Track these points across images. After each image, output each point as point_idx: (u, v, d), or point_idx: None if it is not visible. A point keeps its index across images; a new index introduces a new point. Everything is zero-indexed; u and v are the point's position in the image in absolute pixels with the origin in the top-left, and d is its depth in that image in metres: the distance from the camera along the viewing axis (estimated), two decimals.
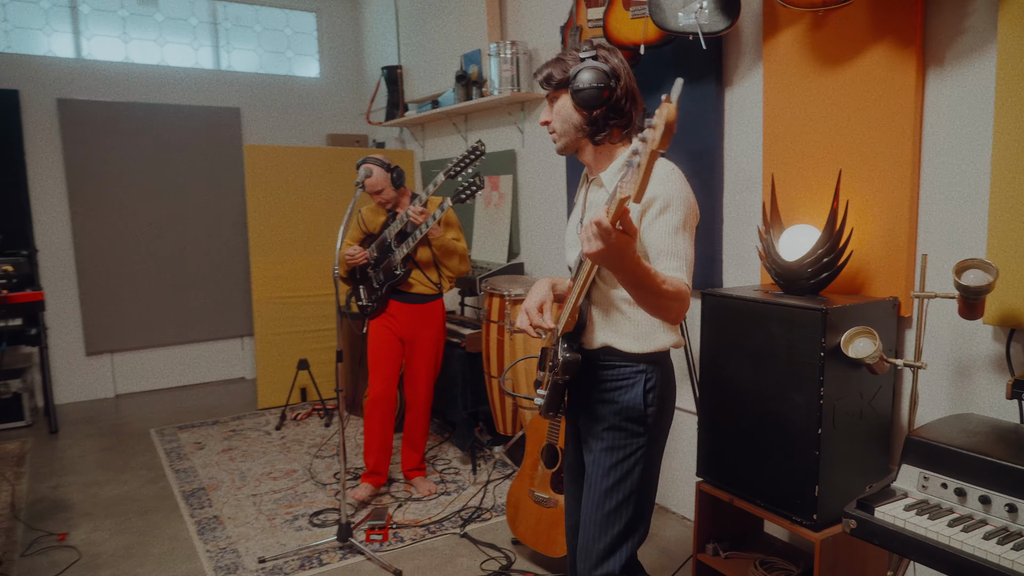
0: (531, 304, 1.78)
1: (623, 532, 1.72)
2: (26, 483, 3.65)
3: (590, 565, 1.73)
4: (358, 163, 3.17)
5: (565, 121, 1.72)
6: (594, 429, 1.75)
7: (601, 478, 1.72)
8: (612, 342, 1.71)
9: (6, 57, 4.76)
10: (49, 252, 4.91)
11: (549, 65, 1.72)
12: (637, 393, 1.70)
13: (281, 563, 2.79)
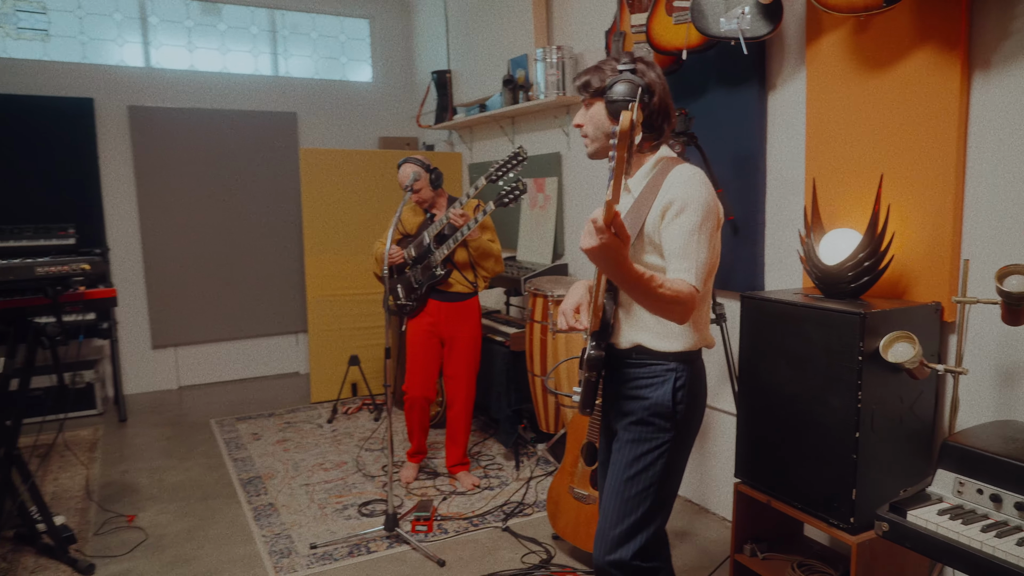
0: (568, 306, 1.86)
1: (638, 521, 1.76)
2: (98, 467, 3.89)
3: (604, 550, 1.78)
4: (399, 163, 3.30)
5: (598, 128, 1.79)
6: (623, 422, 1.80)
7: (623, 468, 1.78)
8: (642, 341, 1.76)
9: (82, 67, 5.06)
10: (119, 251, 5.20)
11: (588, 72, 1.80)
12: (667, 390, 1.74)
13: (331, 550, 2.92)
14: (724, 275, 2.89)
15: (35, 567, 2.82)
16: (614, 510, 1.78)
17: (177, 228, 5.35)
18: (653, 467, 1.76)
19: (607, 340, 1.78)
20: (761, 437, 2.38)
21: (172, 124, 5.28)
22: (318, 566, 2.80)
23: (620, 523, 1.76)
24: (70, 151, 4.97)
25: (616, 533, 1.76)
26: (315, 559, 2.85)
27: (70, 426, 4.55)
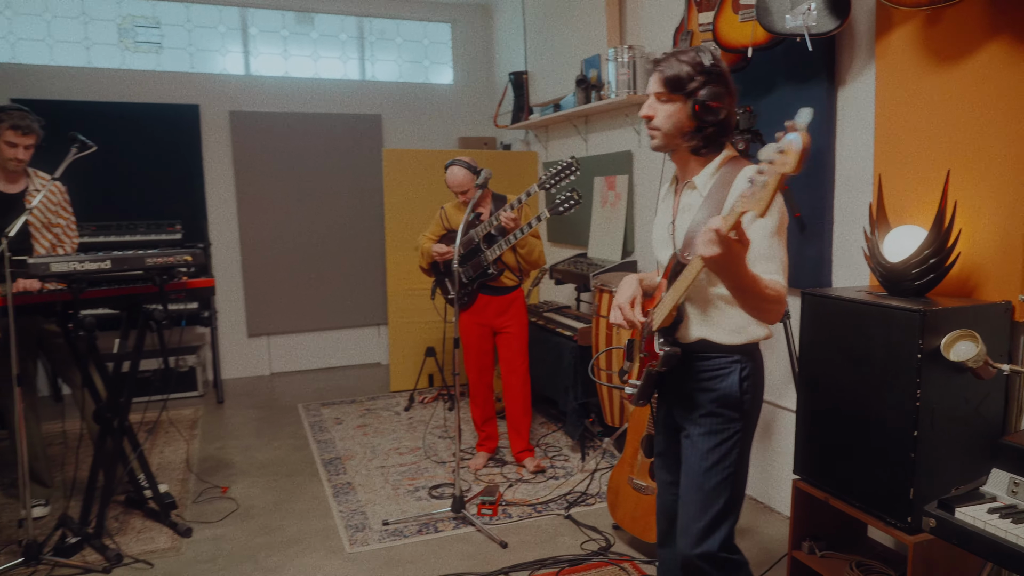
0: (623, 300, 1.89)
1: (722, 511, 1.79)
2: (198, 443, 4.25)
3: (690, 543, 1.80)
4: (446, 165, 3.45)
5: (674, 125, 1.76)
6: (692, 416, 1.82)
7: (700, 460, 1.80)
8: (708, 335, 1.79)
9: (190, 76, 5.50)
10: (220, 246, 5.61)
11: (674, 64, 1.74)
12: (733, 382, 1.78)
13: (402, 527, 3.10)
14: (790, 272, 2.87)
15: (142, 528, 3.13)
16: (696, 503, 1.80)
17: (271, 225, 5.72)
18: (729, 456, 1.79)
19: (674, 335, 1.81)
20: (820, 434, 2.38)
21: (268, 127, 5.65)
22: (389, 541, 2.99)
23: (703, 515, 1.79)
24: (178, 154, 5.42)
25: (701, 525, 1.78)
26: (387, 534, 3.04)
27: (174, 406, 4.96)
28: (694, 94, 1.73)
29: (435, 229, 3.70)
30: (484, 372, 3.70)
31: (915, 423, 2.02)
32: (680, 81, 1.73)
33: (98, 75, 5.23)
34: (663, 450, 2.02)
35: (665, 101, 1.76)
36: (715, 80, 1.73)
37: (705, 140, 1.76)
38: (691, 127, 1.76)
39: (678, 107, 1.75)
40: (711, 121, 1.73)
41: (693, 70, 1.73)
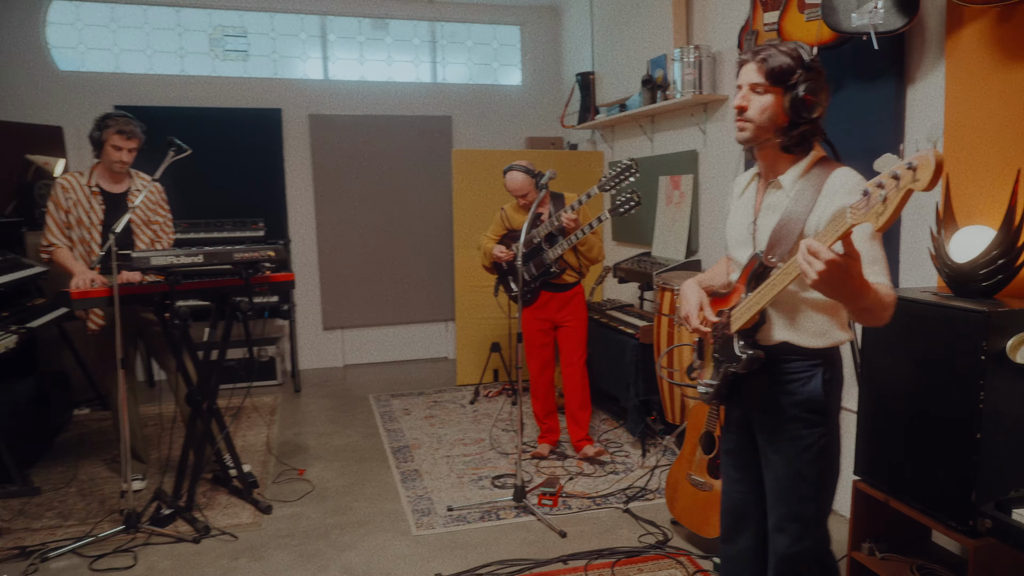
0: (691, 306, 1.91)
1: (817, 510, 1.81)
2: (277, 429, 4.51)
3: (789, 542, 1.82)
4: (505, 169, 3.55)
5: (769, 119, 1.72)
6: (774, 420, 1.81)
7: (787, 466, 1.80)
8: (791, 339, 1.77)
9: (274, 82, 5.81)
10: (299, 243, 5.91)
11: (776, 55, 1.70)
12: (816, 385, 1.76)
13: (465, 513, 3.24)
14: None
15: (227, 504, 3.38)
16: (791, 504, 1.81)
17: (346, 223, 5.98)
18: (817, 460, 1.78)
19: (754, 337, 1.79)
20: (881, 435, 2.36)
21: (344, 129, 5.91)
22: (453, 525, 3.13)
23: (801, 513, 1.80)
24: (261, 155, 5.74)
25: (799, 525, 1.81)
26: (451, 519, 3.18)
27: (255, 393, 5.27)
28: (794, 88, 1.68)
29: (496, 229, 3.82)
30: (545, 367, 3.80)
31: (978, 426, 2.00)
32: (783, 73, 1.68)
33: (191, 82, 5.60)
34: (733, 448, 2.01)
35: (762, 92, 1.71)
36: (815, 76, 1.70)
37: (798, 138, 1.73)
38: (784, 122, 1.72)
39: (775, 100, 1.70)
40: (806, 118, 1.70)
41: (794, 63, 1.69)
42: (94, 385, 4.87)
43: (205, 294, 3.29)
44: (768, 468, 1.87)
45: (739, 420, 1.98)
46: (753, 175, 1.92)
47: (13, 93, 5.17)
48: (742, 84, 1.75)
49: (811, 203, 1.69)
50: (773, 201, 1.80)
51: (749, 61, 1.74)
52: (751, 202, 1.90)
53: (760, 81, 1.71)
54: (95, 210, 3.32)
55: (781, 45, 1.73)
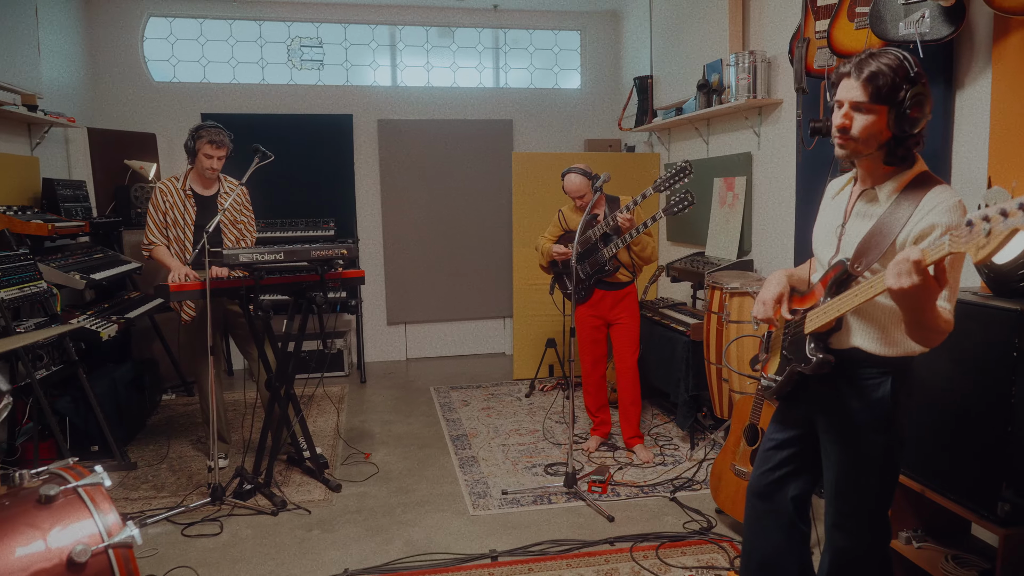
0: (768, 295, 1.93)
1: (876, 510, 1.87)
2: (344, 416, 4.82)
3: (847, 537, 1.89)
4: (563, 173, 3.71)
5: (872, 136, 1.69)
6: (843, 423, 1.84)
7: (852, 466, 1.85)
8: (864, 346, 1.78)
9: (346, 89, 6.15)
10: (366, 241, 6.23)
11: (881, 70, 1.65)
12: (885, 392, 1.77)
13: (519, 496, 3.44)
14: None
15: (301, 482, 3.67)
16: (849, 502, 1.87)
17: (411, 223, 6.28)
18: (882, 464, 1.82)
19: (827, 341, 1.81)
20: (919, 428, 2.43)
21: (410, 133, 6.20)
22: (507, 508, 3.33)
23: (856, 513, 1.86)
24: (333, 159, 6.08)
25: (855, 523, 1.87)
26: (505, 502, 3.39)
27: (325, 383, 5.60)
28: (900, 104, 1.64)
29: (553, 230, 4.00)
30: (597, 362, 3.96)
31: (1009, 419, 2.07)
32: (890, 91, 1.64)
33: (270, 91, 5.99)
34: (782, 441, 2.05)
35: (865, 111, 1.67)
36: (920, 88, 1.65)
37: (899, 151, 1.71)
38: (888, 137, 1.69)
39: (879, 118, 1.67)
40: (911, 132, 1.67)
41: (901, 78, 1.64)
42: (180, 372, 5.29)
43: (284, 288, 3.59)
44: (829, 468, 1.92)
45: (798, 419, 2.02)
46: (850, 178, 1.91)
47: (113, 103, 5.66)
48: (843, 101, 1.71)
49: (906, 218, 1.67)
50: (866, 209, 1.79)
51: (850, 77, 1.69)
52: (843, 205, 1.89)
53: (863, 100, 1.66)
54: (189, 211, 3.67)
55: (883, 56, 1.67)
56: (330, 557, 2.91)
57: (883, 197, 1.76)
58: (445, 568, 2.79)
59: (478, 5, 6.15)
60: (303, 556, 2.92)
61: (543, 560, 2.84)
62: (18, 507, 1.61)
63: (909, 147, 1.71)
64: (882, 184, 1.77)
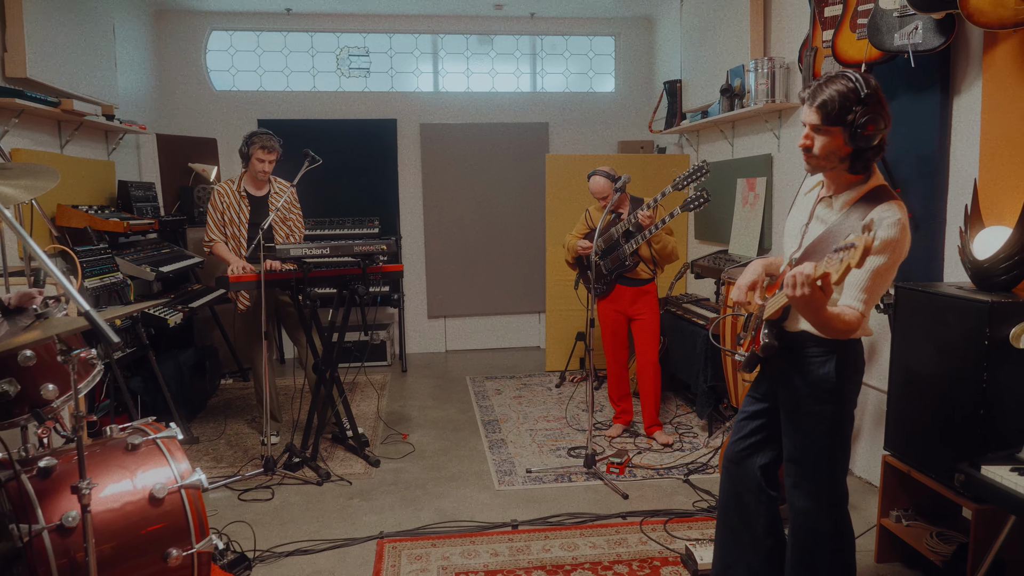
0: (743, 281, 2.19)
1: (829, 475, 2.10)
2: (385, 401, 5.16)
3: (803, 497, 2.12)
4: (589, 175, 3.96)
5: (831, 153, 1.89)
6: (794, 396, 2.09)
7: (803, 435, 2.09)
8: (809, 329, 2.03)
9: (390, 95, 6.51)
10: (408, 239, 6.59)
11: (830, 95, 1.83)
12: (829, 369, 2.01)
13: (541, 475, 3.71)
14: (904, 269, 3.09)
15: (344, 457, 4.02)
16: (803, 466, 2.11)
17: (451, 221, 6.60)
18: (829, 432, 2.05)
19: (780, 326, 2.07)
20: (906, 414, 2.62)
21: (451, 136, 6.53)
22: (530, 484, 3.61)
23: (810, 476, 2.10)
24: (378, 161, 6.45)
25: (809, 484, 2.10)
26: (528, 479, 3.66)
27: (368, 371, 5.96)
28: (852, 123, 1.83)
29: (580, 229, 4.25)
30: (619, 354, 4.20)
31: (980, 403, 2.25)
32: (839, 113, 1.82)
33: (320, 97, 6.39)
34: (752, 411, 2.31)
35: (822, 132, 1.87)
36: (871, 106, 1.82)
37: (859, 164, 1.92)
38: (847, 152, 1.89)
39: (835, 136, 1.86)
40: (864, 148, 1.88)
41: (849, 100, 1.81)
42: (237, 359, 5.72)
43: (330, 281, 3.94)
44: (786, 436, 2.18)
45: (765, 393, 2.29)
46: (819, 181, 2.11)
47: (178, 110, 6.14)
48: (805, 123, 1.91)
49: (853, 228, 1.87)
50: (824, 214, 2.01)
51: (805, 102, 1.89)
52: (809, 205, 2.12)
53: (818, 123, 1.86)
54: (243, 211, 4.05)
55: (834, 82, 1.85)
56: (368, 521, 3.23)
57: (837, 206, 1.99)
58: (470, 533, 3.08)
59: (516, 13, 6.43)
60: (344, 520, 3.25)
61: (559, 529, 3.10)
62: (109, 453, 1.97)
63: (869, 159, 1.92)
64: (839, 194, 1.99)
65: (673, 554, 2.88)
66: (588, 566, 2.78)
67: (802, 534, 2.19)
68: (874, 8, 2.87)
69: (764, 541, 2.36)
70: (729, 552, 2.44)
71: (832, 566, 2.16)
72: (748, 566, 2.38)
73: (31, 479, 1.80)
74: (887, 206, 1.89)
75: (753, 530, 2.36)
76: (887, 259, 1.86)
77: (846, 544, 2.17)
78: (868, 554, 2.83)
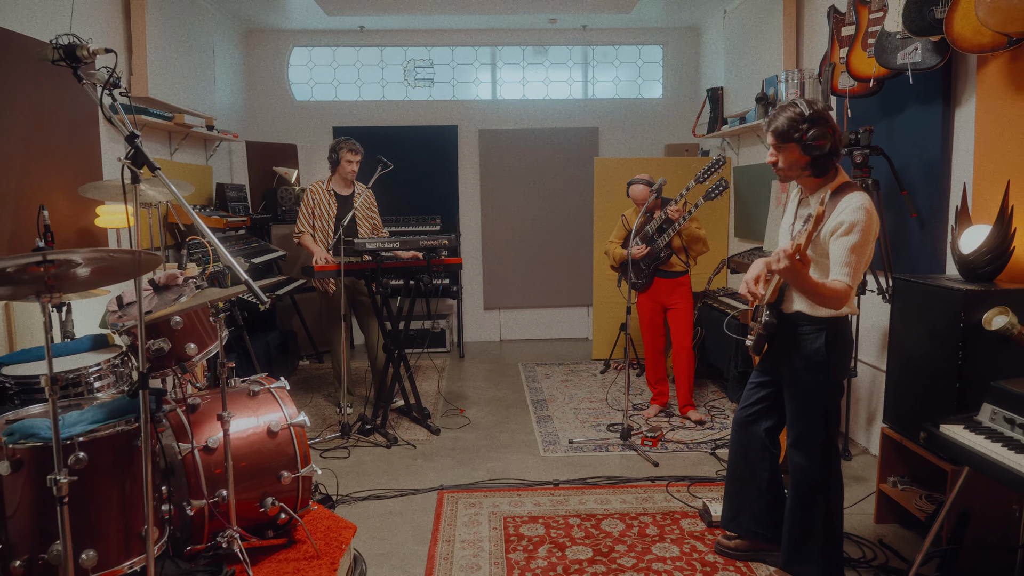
0: (749, 277, 2.64)
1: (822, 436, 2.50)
2: (445, 381, 5.71)
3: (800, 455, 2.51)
4: (628, 183, 4.38)
5: (792, 164, 2.38)
6: (791, 368, 2.52)
7: (799, 402, 2.51)
8: (802, 309, 2.46)
9: (452, 103, 7.07)
10: (467, 236, 7.13)
11: (780, 120, 2.34)
12: (820, 344, 2.43)
13: (582, 445, 4.17)
14: (912, 263, 3.43)
15: (408, 427, 4.57)
16: (800, 428, 2.51)
17: (506, 220, 7.11)
18: (817, 400, 2.46)
19: (778, 308, 2.55)
20: (901, 389, 2.98)
21: (507, 141, 7.04)
22: (571, 452, 4.07)
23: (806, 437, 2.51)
24: (440, 164, 7.02)
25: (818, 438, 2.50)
26: (570, 448, 4.13)
27: (430, 356, 6.53)
28: (801, 139, 2.32)
29: (619, 233, 4.68)
30: (656, 341, 4.61)
31: (957, 379, 2.60)
32: (787, 133, 2.33)
33: (388, 106, 7.00)
34: (758, 382, 2.76)
35: (782, 150, 2.37)
36: (816, 123, 2.30)
37: (821, 167, 2.38)
38: (805, 161, 2.36)
39: (791, 151, 2.36)
40: (818, 155, 2.34)
41: (797, 121, 2.31)
42: (313, 343, 6.37)
43: (399, 272, 4.48)
44: (787, 402, 2.61)
45: (769, 367, 2.71)
46: (799, 187, 2.59)
47: (263, 119, 6.84)
48: (768, 144, 2.42)
49: (827, 217, 2.32)
50: (803, 212, 2.48)
51: (766, 129, 2.42)
52: (793, 208, 2.60)
53: (775, 143, 2.38)
54: (331, 208, 4.64)
55: (784, 110, 2.36)
56: (429, 477, 3.76)
57: (812, 205, 2.44)
58: (517, 488, 3.57)
59: (569, 26, 6.89)
60: (409, 475, 3.79)
61: (594, 488, 3.56)
62: (237, 397, 2.54)
63: (828, 163, 2.37)
64: (812, 195, 2.46)
65: (692, 510, 3.30)
66: (617, 516, 3.24)
67: (800, 486, 2.58)
68: (880, 30, 3.22)
69: (767, 493, 2.77)
70: (736, 503, 2.85)
71: (825, 513, 2.55)
72: (753, 515, 2.80)
73: (184, 412, 2.38)
74: (851, 196, 2.33)
75: (758, 483, 2.78)
76: (859, 237, 2.28)
77: (836, 494, 2.57)
78: (868, 516, 3.19)
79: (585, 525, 3.15)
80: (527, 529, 3.12)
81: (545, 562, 2.84)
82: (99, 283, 1.97)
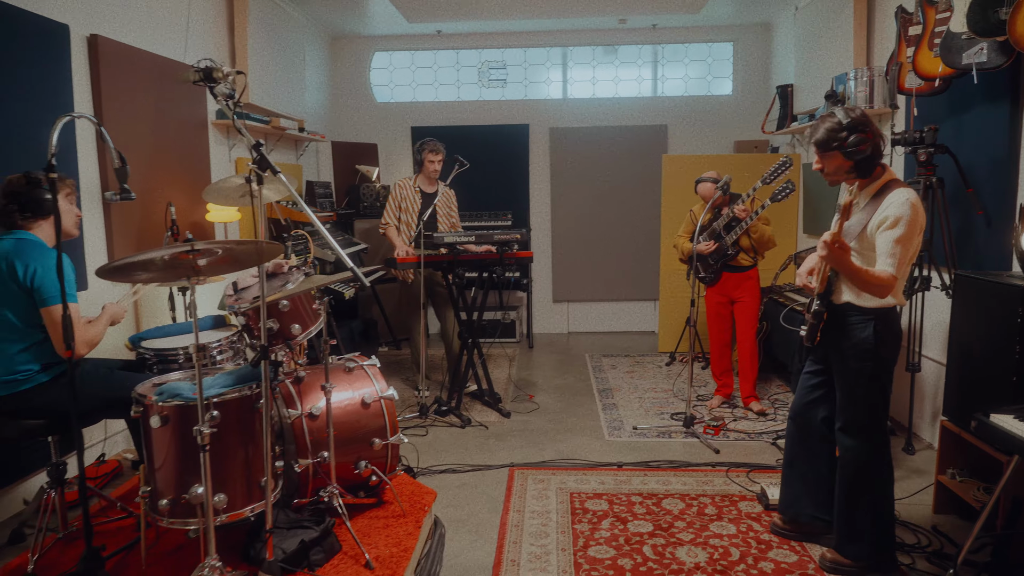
0: (803, 269, 2.84)
1: (870, 420, 2.65)
2: (515, 369, 5.99)
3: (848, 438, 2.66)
4: (696, 180, 4.52)
5: (837, 169, 2.56)
6: (841, 356, 2.66)
7: (849, 387, 2.65)
8: (851, 300, 2.61)
9: (524, 103, 7.33)
10: (537, 230, 7.38)
11: (820, 131, 2.51)
12: (868, 333, 2.57)
13: (646, 431, 4.37)
14: (977, 259, 3.48)
15: (481, 410, 4.86)
16: (849, 413, 2.66)
17: (575, 215, 7.33)
18: (866, 387, 2.60)
19: (828, 299, 2.71)
20: (960, 382, 3.06)
21: (577, 139, 7.24)
22: (635, 438, 4.28)
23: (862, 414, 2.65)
24: (512, 161, 7.29)
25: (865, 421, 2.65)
26: (634, 434, 4.34)
27: (501, 346, 6.82)
28: (842, 146, 2.48)
29: (687, 227, 4.83)
30: (722, 333, 4.75)
31: (1014, 372, 2.68)
32: (827, 143, 2.52)
33: (464, 106, 7.32)
34: (811, 370, 2.91)
35: (825, 158, 2.56)
36: (855, 130, 2.46)
37: (863, 170, 2.54)
38: (849, 165, 2.53)
39: (834, 157, 2.54)
40: (861, 159, 2.51)
41: (835, 131, 2.48)
42: (391, 331, 6.76)
43: (473, 264, 4.77)
44: (838, 389, 2.75)
45: (821, 356, 2.86)
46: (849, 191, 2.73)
47: (347, 120, 7.28)
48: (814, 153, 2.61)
49: (871, 213, 2.51)
50: (854, 209, 2.60)
51: (807, 140, 2.63)
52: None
53: (818, 152, 2.57)
54: (416, 204, 4.98)
55: (824, 121, 2.53)
56: (501, 455, 4.04)
57: (862, 201, 2.61)
58: (583, 468, 3.81)
59: (639, 25, 7.03)
60: (482, 453, 4.08)
61: (656, 470, 3.76)
62: (335, 372, 2.87)
63: (871, 164, 2.53)
64: (862, 192, 2.62)
65: (751, 494, 3.46)
66: (678, 496, 3.43)
67: (849, 468, 2.72)
68: (946, 30, 3.28)
69: (828, 478, 2.90)
70: (795, 489, 3.00)
71: (874, 495, 2.68)
72: (813, 499, 2.94)
73: (292, 383, 2.73)
74: (897, 191, 2.47)
75: (818, 470, 2.92)
76: (904, 230, 2.43)
77: (885, 477, 2.70)
78: (926, 507, 3.28)
79: (647, 503, 3.36)
80: (592, 504, 3.36)
81: (608, 533, 3.07)
82: (226, 270, 2.31)
